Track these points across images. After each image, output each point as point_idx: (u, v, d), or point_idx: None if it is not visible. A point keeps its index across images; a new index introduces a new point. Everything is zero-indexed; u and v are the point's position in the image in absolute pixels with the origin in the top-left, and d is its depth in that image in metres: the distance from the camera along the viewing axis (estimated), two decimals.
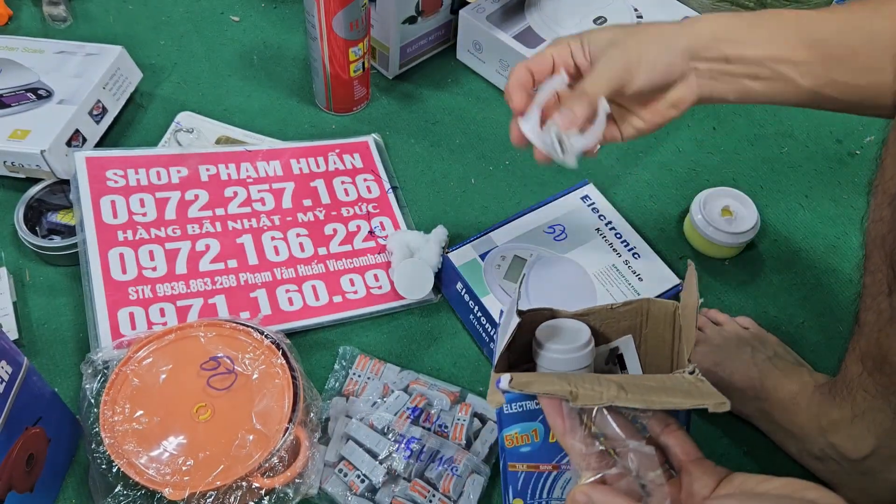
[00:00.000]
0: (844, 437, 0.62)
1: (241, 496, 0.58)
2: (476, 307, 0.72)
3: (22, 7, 1.01)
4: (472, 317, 0.74)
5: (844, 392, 0.61)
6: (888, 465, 0.61)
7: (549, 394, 0.46)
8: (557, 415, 0.48)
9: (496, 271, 0.75)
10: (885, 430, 0.59)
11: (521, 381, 0.46)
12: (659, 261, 0.78)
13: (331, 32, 0.83)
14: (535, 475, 0.55)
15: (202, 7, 1.04)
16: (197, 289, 0.72)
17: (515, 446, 0.54)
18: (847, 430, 0.61)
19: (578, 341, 0.55)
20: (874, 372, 0.58)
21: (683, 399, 0.45)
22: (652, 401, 0.45)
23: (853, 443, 0.61)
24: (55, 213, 0.79)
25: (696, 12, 0.99)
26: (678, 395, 0.46)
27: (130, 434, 0.59)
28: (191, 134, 0.87)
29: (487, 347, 0.73)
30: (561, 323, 0.58)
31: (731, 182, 0.90)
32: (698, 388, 0.48)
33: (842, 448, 0.62)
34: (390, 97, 0.96)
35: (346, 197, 0.84)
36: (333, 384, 0.70)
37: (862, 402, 0.60)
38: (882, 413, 0.59)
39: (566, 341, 0.55)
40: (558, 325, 0.57)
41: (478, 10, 0.95)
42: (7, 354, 0.54)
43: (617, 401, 0.44)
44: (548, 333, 0.56)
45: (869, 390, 0.59)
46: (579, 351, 0.55)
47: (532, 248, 0.78)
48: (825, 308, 0.80)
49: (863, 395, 0.60)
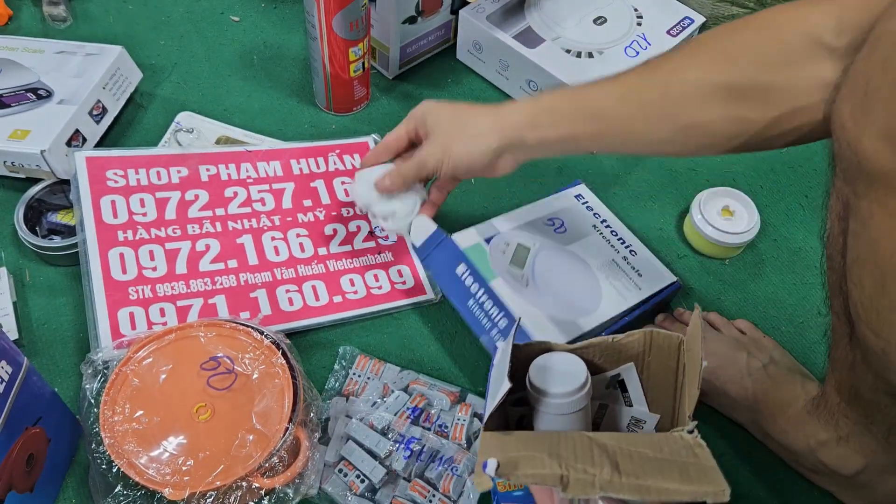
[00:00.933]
0: (833, 457, 0.62)
1: (241, 496, 0.58)
2: (480, 291, 0.70)
3: (22, 7, 1.01)
4: (472, 301, 0.71)
5: (827, 416, 0.61)
6: (882, 478, 0.61)
7: (538, 482, 0.44)
8: (548, 499, 0.48)
9: (501, 256, 0.75)
10: (871, 450, 0.60)
11: (508, 464, 0.44)
12: (654, 258, 0.79)
13: (331, 32, 0.83)
14: None
15: (202, 7, 1.04)
16: (197, 289, 0.72)
17: (508, 491, 0.54)
18: (835, 450, 0.62)
19: (575, 383, 0.53)
20: (851, 402, 0.59)
21: (680, 485, 0.43)
22: (648, 488, 0.43)
23: (842, 461, 0.62)
24: (55, 213, 0.79)
25: (696, 12, 0.99)
26: (675, 479, 0.44)
27: (130, 434, 0.59)
28: (191, 134, 0.87)
29: (487, 335, 0.69)
30: (557, 361, 0.56)
31: (731, 182, 0.90)
32: (697, 458, 0.46)
33: (832, 465, 0.62)
34: (390, 97, 0.96)
35: (346, 197, 0.84)
36: (333, 384, 0.70)
37: (844, 427, 0.60)
38: (866, 436, 0.59)
39: (563, 383, 0.53)
40: (554, 365, 0.55)
41: (478, 10, 0.95)
42: (7, 354, 0.54)
43: (610, 489, 0.43)
44: (543, 376, 0.54)
45: (850, 417, 0.59)
46: (577, 393, 0.53)
47: (535, 237, 0.78)
48: (825, 308, 0.80)
49: (844, 422, 0.60)
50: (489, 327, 0.69)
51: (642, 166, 0.91)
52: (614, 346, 0.58)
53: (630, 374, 0.59)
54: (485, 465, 0.45)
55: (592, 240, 0.79)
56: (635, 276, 0.77)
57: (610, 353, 0.58)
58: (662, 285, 0.76)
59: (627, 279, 0.76)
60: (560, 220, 0.80)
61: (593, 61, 0.91)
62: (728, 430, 0.70)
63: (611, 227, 0.81)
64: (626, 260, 0.78)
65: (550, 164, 0.90)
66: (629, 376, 0.59)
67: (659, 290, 0.76)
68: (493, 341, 0.67)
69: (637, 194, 0.88)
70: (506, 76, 0.96)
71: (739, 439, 0.70)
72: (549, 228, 0.79)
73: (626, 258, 0.78)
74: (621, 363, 0.59)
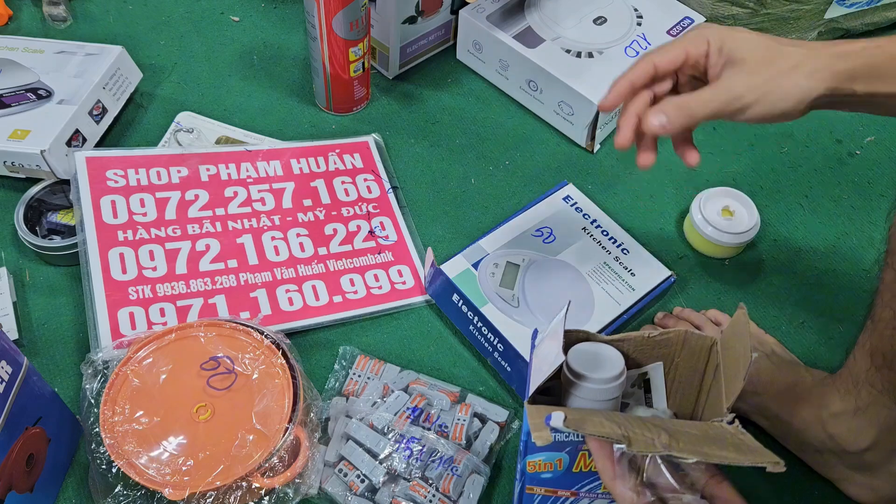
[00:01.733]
0: (845, 430, 0.62)
1: (241, 496, 0.58)
2: (475, 317, 0.72)
3: (22, 7, 1.01)
4: (471, 327, 0.73)
5: (849, 384, 0.61)
6: (890, 458, 0.61)
7: (603, 436, 0.44)
8: (608, 458, 0.46)
9: (491, 279, 0.75)
10: (887, 425, 0.60)
11: (573, 419, 0.44)
12: (647, 254, 0.79)
13: (331, 32, 0.83)
14: (552, 499, 0.54)
15: (202, 7, 1.04)
16: (197, 289, 0.72)
17: (537, 472, 0.53)
18: (848, 422, 0.61)
19: (613, 371, 0.53)
20: (882, 368, 0.58)
21: (738, 455, 0.43)
22: (707, 454, 0.43)
23: (853, 436, 0.61)
24: (55, 213, 0.79)
25: (696, 12, 0.99)
26: (730, 450, 0.44)
27: (130, 434, 0.59)
28: (191, 134, 0.87)
29: (492, 357, 0.71)
30: (596, 349, 0.55)
31: (731, 182, 0.90)
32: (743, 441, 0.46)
33: (841, 440, 0.62)
34: (390, 97, 0.96)
35: (346, 197, 0.84)
36: (333, 384, 0.70)
37: (867, 397, 0.60)
38: (886, 409, 0.59)
39: (602, 370, 0.53)
40: (593, 351, 0.55)
41: (478, 10, 0.95)
42: (7, 354, 0.54)
43: (672, 449, 0.43)
44: (583, 360, 0.54)
45: (875, 385, 0.59)
46: (614, 381, 0.53)
47: (523, 252, 0.78)
48: (825, 308, 0.80)
49: (868, 390, 0.60)
50: (490, 351, 0.71)
51: None
52: (649, 342, 0.57)
53: (656, 374, 0.59)
54: (548, 417, 0.43)
55: (583, 244, 0.79)
56: (628, 276, 0.77)
57: (644, 348, 0.58)
58: (656, 282, 0.77)
59: (620, 282, 0.76)
60: (549, 228, 0.80)
61: (593, 61, 0.91)
62: None
63: (601, 228, 0.81)
64: (619, 260, 0.78)
65: (549, 163, 0.90)
66: (655, 375, 0.59)
67: (653, 287, 0.76)
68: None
69: (637, 194, 0.88)
70: (506, 76, 0.96)
71: None
72: (537, 240, 0.79)
73: (619, 258, 0.78)
74: (652, 360, 0.59)
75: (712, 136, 0.95)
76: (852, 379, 0.61)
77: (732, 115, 0.54)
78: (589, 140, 0.91)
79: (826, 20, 1.01)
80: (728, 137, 0.95)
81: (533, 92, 0.93)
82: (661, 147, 0.93)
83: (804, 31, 0.99)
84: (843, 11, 1.01)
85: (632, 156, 0.92)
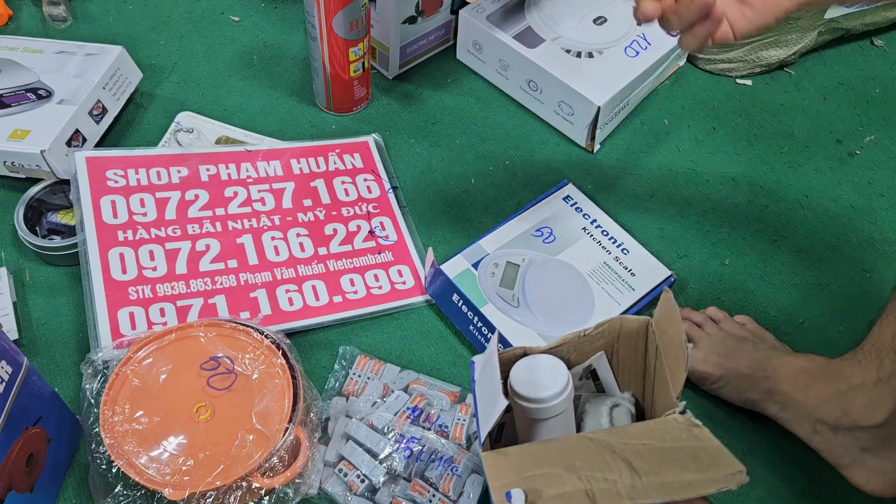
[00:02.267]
0: (862, 403, 0.61)
1: (241, 496, 0.58)
2: (475, 317, 0.72)
3: (22, 7, 1.01)
4: (471, 327, 0.73)
5: (872, 355, 0.61)
6: None
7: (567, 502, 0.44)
8: None
9: (491, 279, 0.75)
10: None
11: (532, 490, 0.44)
12: (647, 253, 0.79)
13: (331, 32, 0.83)
14: None
15: (202, 7, 1.04)
16: (197, 289, 0.72)
17: None
18: (867, 394, 0.61)
19: (558, 385, 0.53)
20: None
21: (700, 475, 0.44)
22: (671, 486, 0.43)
23: (870, 410, 0.61)
24: (55, 213, 0.79)
25: None
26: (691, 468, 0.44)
27: (130, 434, 0.59)
28: (191, 134, 0.87)
29: None
30: (536, 363, 0.55)
31: (731, 182, 0.90)
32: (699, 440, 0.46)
33: (856, 415, 0.61)
34: (390, 97, 0.96)
35: (346, 197, 0.84)
36: (333, 384, 0.70)
37: (889, 366, 0.60)
38: None
39: (547, 387, 0.53)
40: (534, 369, 0.54)
41: (478, 10, 0.95)
42: (7, 354, 0.54)
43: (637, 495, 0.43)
44: (526, 381, 0.54)
45: None
46: (561, 395, 0.53)
47: (523, 252, 0.78)
48: (825, 308, 0.80)
49: (891, 359, 0.59)
50: None
51: (642, 166, 0.91)
52: (586, 338, 0.58)
53: (601, 363, 0.60)
54: (508, 495, 0.43)
55: (583, 244, 0.79)
56: (628, 276, 0.77)
57: (582, 345, 0.58)
58: (656, 282, 0.77)
59: (621, 282, 0.76)
60: (549, 228, 0.80)
61: (593, 61, 0.91)
62: (729, 428, 0.70)
63: (601, 227, 0.81)
64: (619, 260, 0.78)
65: (549, 163, 0.90)
66: (600, 365, 0.60)
67: (653, 287, 0.76)
68: None
69: (637, 194, 0.88)
70: (506, 76, 0.96)
71: (740, 438, 0.70)
72: (537, 240, 0.79)
73: (619, 258, 0.78)
74: (593, 354, 0.59)
75: (712, 135, 0.95)
76: (875, 348, 0.61)
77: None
78: (589, 140, 0.91)
79: (826, 20, 1.01)
80: (728, 137, 0.95)
81: (533, 92, 0.93)
82: (661, 147, 0.94)
83: (804, 31, 0.99)
84: (843, 11, 1.01)
85: (632, 156, 0.93)
